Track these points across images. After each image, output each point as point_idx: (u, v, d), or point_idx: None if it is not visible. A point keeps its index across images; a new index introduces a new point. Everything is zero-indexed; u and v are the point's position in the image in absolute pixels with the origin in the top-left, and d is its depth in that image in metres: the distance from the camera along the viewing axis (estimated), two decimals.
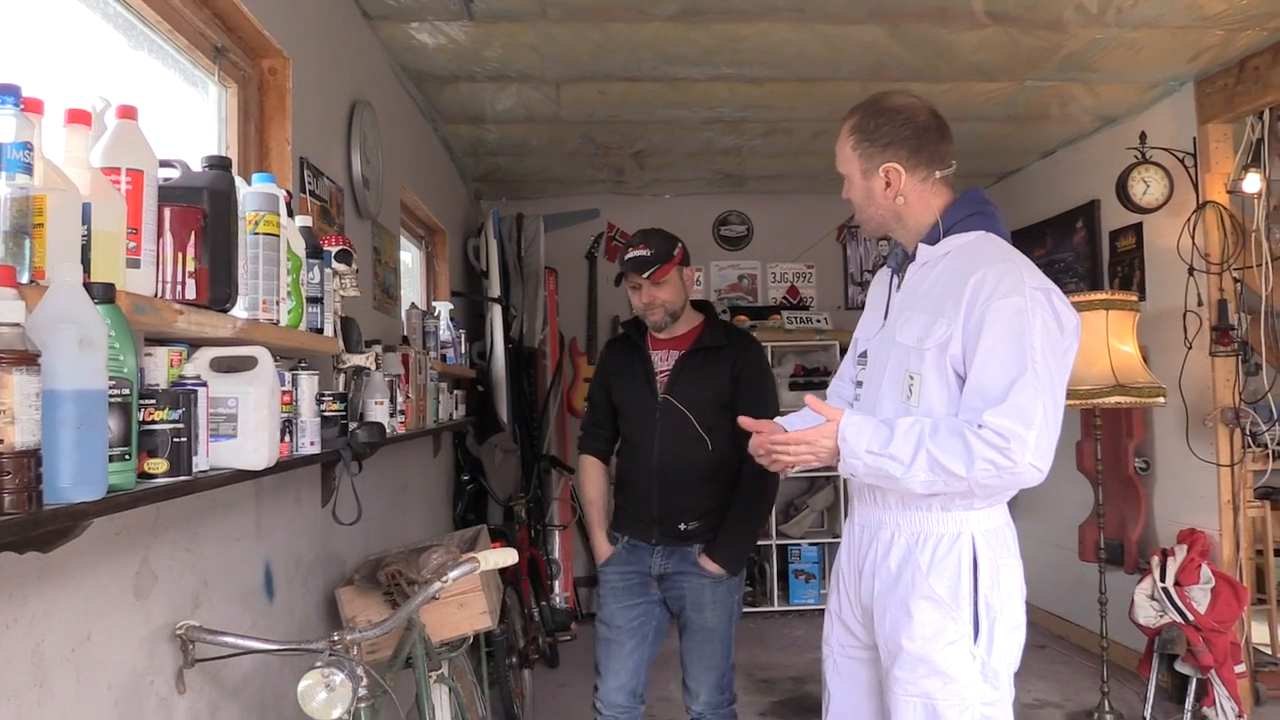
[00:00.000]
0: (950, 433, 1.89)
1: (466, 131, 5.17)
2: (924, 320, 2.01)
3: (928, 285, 2.06)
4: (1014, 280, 1.93)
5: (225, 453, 1.77)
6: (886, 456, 1.92)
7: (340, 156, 3.23)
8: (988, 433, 1.85)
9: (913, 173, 2.08)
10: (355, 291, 2.58)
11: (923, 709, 1.97)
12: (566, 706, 4.62)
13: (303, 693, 1.75)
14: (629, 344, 3.08)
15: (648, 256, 2.90)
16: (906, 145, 2.07)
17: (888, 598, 2.05)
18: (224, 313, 1.77)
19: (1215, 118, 4.42)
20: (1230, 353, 4.37)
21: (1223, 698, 4.14)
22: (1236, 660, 4.21)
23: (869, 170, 2.10)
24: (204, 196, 1.72)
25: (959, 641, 1.96)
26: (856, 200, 2.16)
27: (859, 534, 2.17)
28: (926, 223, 2.10)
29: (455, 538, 3.31)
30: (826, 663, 2.29)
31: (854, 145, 2.12)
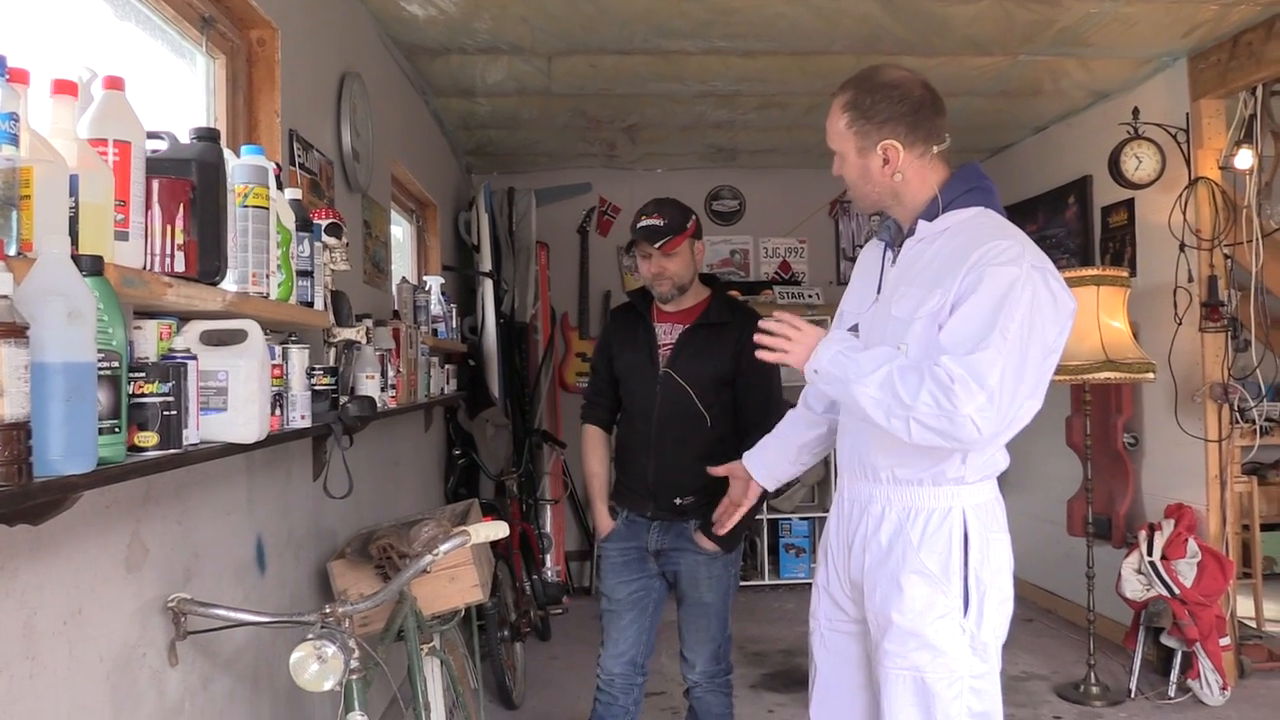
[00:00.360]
0: (911, 367, 1.89)
1: (457, 104, 5.14)
2: (918, 295, 1.99)
3: (925, 260, 2.03)
4: (1015, 254, 1.91)
5: (216, 426, 1.77)
6: (850, 360, 1.93)
7: (330, 129, 3.21)
8: (940, 370, 1.85)
9: (910, 149, 2.04)
10: (345, 265, 2.57)
11: (912, 682, 1.98)
12: (558, 679, 4.65)
13: (295, 664, 1.76)
14: (634, 314, 3.06)
15: (660, 226, 2.86)
16: (904, 121, 2.03)
17: (878, 572, 2.04)
18: (213, 286, 1.76)
19: (1208, 93, 4.42)
20: (1220, 329, 4.39)
21: (1207, 670, 4.19)
22: (1221, 633, 4.26)
23: (865, 148, 2.06)
24: (192, 168, 1.71)
25: (949, 615, 1.97)
26: (851, 178, 2.12)
27: (849, 508, 2.16)
28: (924, 199, 2.07)
29: (447, 512, 3.32)
30: (813, 637, 2.29)
31: (849, 123, 2.07)
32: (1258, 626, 5.07)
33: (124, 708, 1.68)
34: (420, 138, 4.88)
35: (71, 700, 1.53)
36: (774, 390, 2.93)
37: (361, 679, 1.87)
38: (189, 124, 1.82)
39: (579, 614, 5.53)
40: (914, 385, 1.85)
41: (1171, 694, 4.27)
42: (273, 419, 1.98)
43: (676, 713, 3.93)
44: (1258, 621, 5.13)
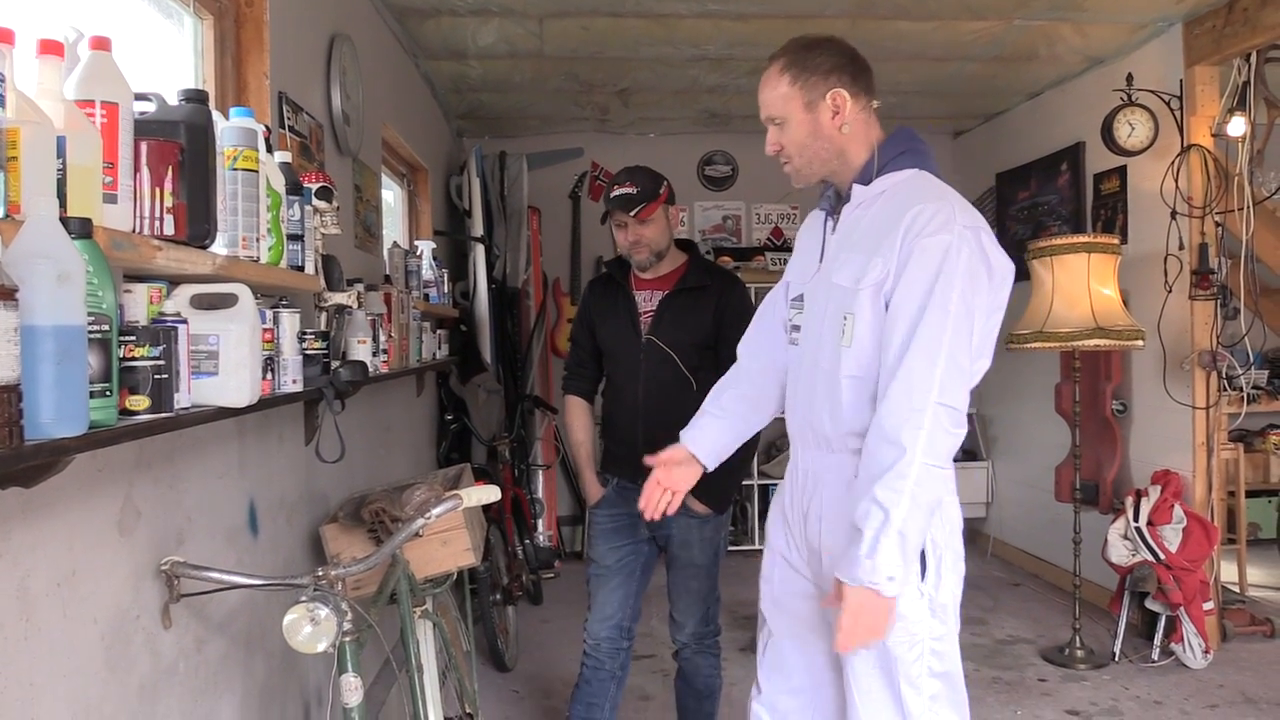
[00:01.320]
0: (874, 462, 1.87)
1: (448, 67, 5.10)
2: (860, 261, 2.00)
3: (865, 225, 2.05)
4: (945, 217, 1.92)
5: (207, 390, 1.76)
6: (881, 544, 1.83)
7: (320, 92, 3.18)
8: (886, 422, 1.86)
9: (856, 98, 2.05)
10: (336, 229, 2.56)
11: (874, 647, 1.97)
12: (550, 642, 4.69)
13: (288, 626, 1.77)
14: (612, 283, 3.07)
15: (634, 194, 2.87)
16: (847, 70, 2.05)
17: (835, 539, 2.04)
18: (203, 249, 1.76)
19: (1203, 60, 4.40)
20: (1209, 297, 4.40)
21: (1191, 634, 4.24)
22: (1205, 598, 4.31)
23: (814, 101, 2.05)
24: (181, 130, 1.69)
25: (908, 580, 1.94)
26: (800, 140, 2.09)
27: (802, 478, 2.16)
28: (863, 158, 2.08)
29: (439, 476, 3.32)
30: (764, 600, 2.30)
31: (792, 80, 2.07)
32: (1241, 591, 5.14)
33: (118, 669, 1.69)
34: (411, 101, 4.85)
35: (66, 662, 1.54)
36: None
37: (354, 641, 1.89)
38: (177, 86, 1.80)
39: (570, 578, 5.56)
40: (892, 459, 1.84)
41: (1155, 657, 4.33)
42: (264, 383, 1.98)
43: (667, 675, 3.97)
44: (1241, 586, 5.19)
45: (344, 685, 1.88)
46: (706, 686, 3.04)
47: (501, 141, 6.51)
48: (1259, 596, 5.24)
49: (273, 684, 2.46)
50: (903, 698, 1.98)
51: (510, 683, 4.20)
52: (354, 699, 1.89)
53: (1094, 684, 4.14)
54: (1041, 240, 4.46)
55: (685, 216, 6.87)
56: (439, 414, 5.07)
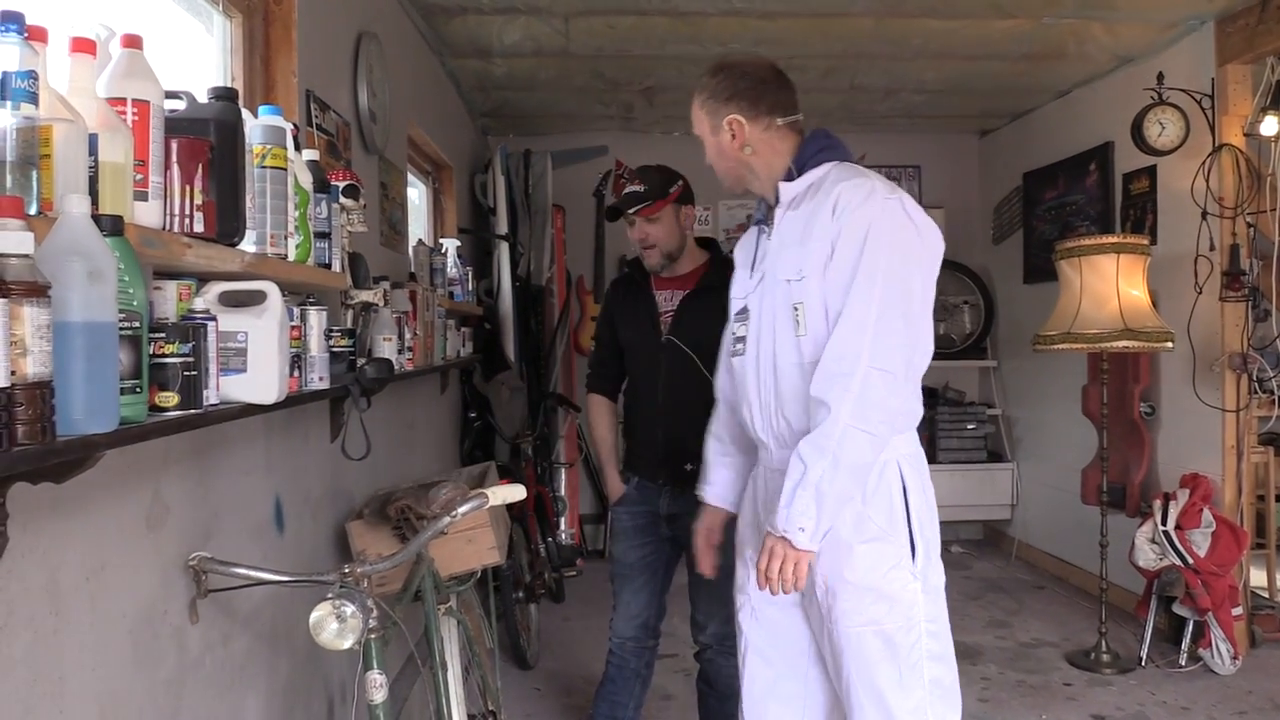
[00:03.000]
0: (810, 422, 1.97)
1: (474, 65, 5.10)
2: (799, 251, 2.08)
3: (797, 220, 2.13)
4: (867, 191, 2.02)
5: (235, 387, 1.77)
6: (801, 498, 1.93)
7: (347, 90, 3.20)
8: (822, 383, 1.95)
9: (754, 122, 2.17)
10: (363, 227, 2.57)
11: (871, 635, 2.03)
12: (571, 640, 4.69)
13: (315, 623, 1.77)
14: (633, 284, 3.06)
15: (639, 192, 2.88)
16: (746, 96, 2.17)
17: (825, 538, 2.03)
18: (232, 247, 1.76)
19: (1235, 58, 4.35)
20: (1240, 298, 4.35)
21: (1219, 640, 4.19)
22: (1234, 603, 4.26)
23: (716, 126, 2.20)
24: (211, 128, 1.70)
25: (900, 564, 2.03)
26: (711, 158, 2.27)
27: (775, 477, 2.13)
28: (779, 168, 2.18)
29: (464, 474, 3.33)
30: (742, 611, 2.32)
31: (700, 104, 2.23)
32: (1270, 597, 5.06)
33: (145, 663, 1.71)
34: (437, 99, 4.86)
35: (94, 655, 1.55)
36: None
37: (380, 638, 1.89)
38: (206, 84, 1.81)
39: (592, 576, 5.56)
40: (821, 418, 1.93)
41: (1182, 663, 4.28)
42: (291, 380, 1.99)
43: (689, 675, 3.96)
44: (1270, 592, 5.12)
45: (369, 682, 1.88)
46: (729, 687, 3.01)
47: (526, 140, 6.52)
48: None
49: (297, 680, 2.47)
50: (905, 683, 2.03)
51: (532, 680, 4.21)
52: (379, 696, 1.89)
53: (1120, 689, 4.10)
54: (1069, 240, 4.43)
55: (709, 216, 6.85)
56: (462, 411, 5.08)
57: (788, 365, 2.10)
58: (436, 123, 4.77)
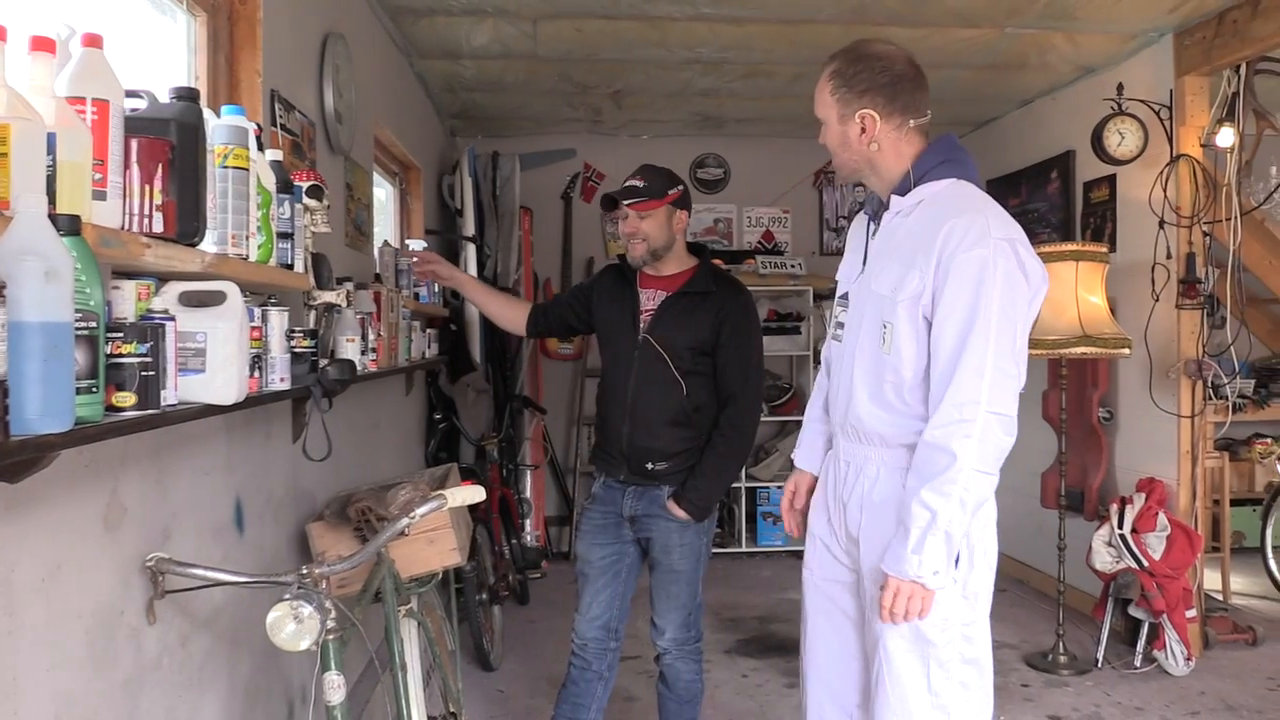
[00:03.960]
0: (922, 468, 2.01)
1: (442, 67, 5.10)
2: (897, 271, 2.10)
3: (902, 235, 2.13)
4: (980, 231, 2.00)
5: (194, 387, 1.77)
6: (927, 540, 1.98)
7: (312, 90, 3.19)
8: (940, 431, 1.99)
9: (888, 119, 2.14)
10: (326, 228, 2.56)
11: (908, 629, 2.07)
12: (536, 642, 4.69)
13: (271, 624, 1.77)
14: (621, 277, 3.09)
15: (639, 187, 2.92)
16: (883, 92, 2.13)
17: (874, 530, 2.15)
18: (192, 247, 1.76)
19: (1193, 70, 4.43)
20: (1196, 306, 4.42)
21: (1173, 641, 4.26)
22: (1188, 605, 4.33)
23: (845, 116, 2.16)
24: (171, 128, 1.70)
25: (950, 574, 2.05)
26: (832, 146, 2.22)
27: (844, 468, 2.26)
28: (899, 171, 2.17)
29: (426, 475, 3.33)
30: (806, 586, 2.40)
31: (832, 90, 2.17)
32: (1224, 599, 5.17)
33: (102, 664, 1.70)
34: (404, 100, 4.85)
35: (50, 656, 1.54)
36: (754, 360, 2.96)
37: (338, 639, 1.89)
38: (169, 83, 1.80)
39: (557, 578, 5.57)
40: (943, 464, 1.97)
41: (1138, 664, 4.35)
42: (251, 381, 1.98)
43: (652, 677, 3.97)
44: (1224, 594, 5.23)
45: (327, 683, 1.89)
46: (688, 691, 3.04)
47: (494, 141, 6.52)
48: (1242, 605, 5.27)
49: (256, 681, 2.46)
50: (931, 681, 2.08)
51: (496, 682, 4.21)
52: (337, 697, 1.89)
53: (1076, 690, 4.16)
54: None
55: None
56: (428, 413, 5.07)
57: (865, 371, 2.17)
58: (404, 124, 4.76)
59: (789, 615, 5.13)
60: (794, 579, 5.92)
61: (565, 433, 6.78)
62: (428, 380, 5.06)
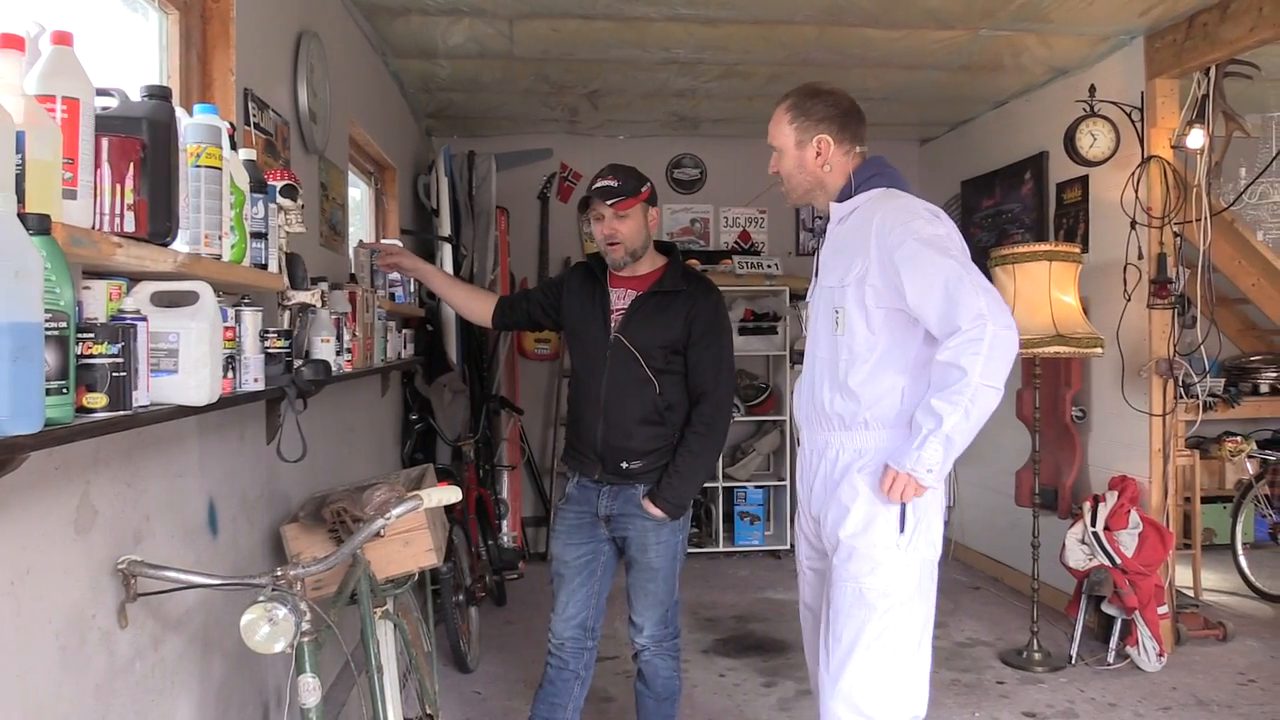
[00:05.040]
0: (936, 383, 2.26)
1: (418, 66, 5.08)
2: (842, 264, 2.45)
3: (843, 237, 2.50)
4: (908, 206, 2.40)
5: (166, 388, 1.75)
6: (931, 439, 2.25)
7: (286, 89, 3.17)
8: (950, 351, 2.22)
9: (839, 145, 2.52)
10: (301, 228, 2.54)
11: (851, 591, 2.38)
12: (513, 644, 4.68)
13: (245, 626, 1.76)
14: (591, 276, 3.08)
15: (615, 186, 2.92)
16: (836, 121, 2.52)
17: (829, 501, 2.47)
18: (164, 247, 1.74)
19: (1163, 73, 4.47)
20: (1167, 305, 4.47)
21: (1145, 637, 4.30)
22: (1160, 602, 4.37)
23: (803, 141, 2.53)
24: (143, 127, 1.68)
25: (887, 531, 2.36)
26: (788, 169, 2.58)
27: (809, 455, 2.59)
28: (841, 186, 2.54)
29: (401, 476, 3.32)
30: (799, 577, 2.75)
31: (790, 119, 2.54)
32: (1195, 596, 5.22)
33: (73, 668, 1.68)
34: (379, 99, 4.83)
35: (19, 661, 1.52)
36: (725, 358, 2.97)
37: (313, 642, 1.88)
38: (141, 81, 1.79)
39: (534, 579, 5.56)
40: (954, 376, 2.21)
41: (1111, 660, 4.39)
42: (225, 382, 1.97)
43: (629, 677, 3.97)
44: (1195, 591, 5.28)
45: (302, 686, 1.88)
46: (665, 688, 3.05)
47: (470, 141, 6.50)
48: (1213, 601, 5.33)
49: (230, 684, 2.44)
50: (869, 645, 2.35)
51: (472, 684, 4.19)
52: (312, 700, 1.88)
53: (1051, 686, 4.19)
54: (1005, 248, 4.52)
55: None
56: (404, 414, 5.05)
57: (824, 358, 2.49)
58: (379, 123, 4.74)
59: (766, 614, 5.15)
60: (772, 579, 5.97)
61: (542, 433, 6.78)
62: (404, 381, 5.03)
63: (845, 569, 2.40)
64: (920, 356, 2.38)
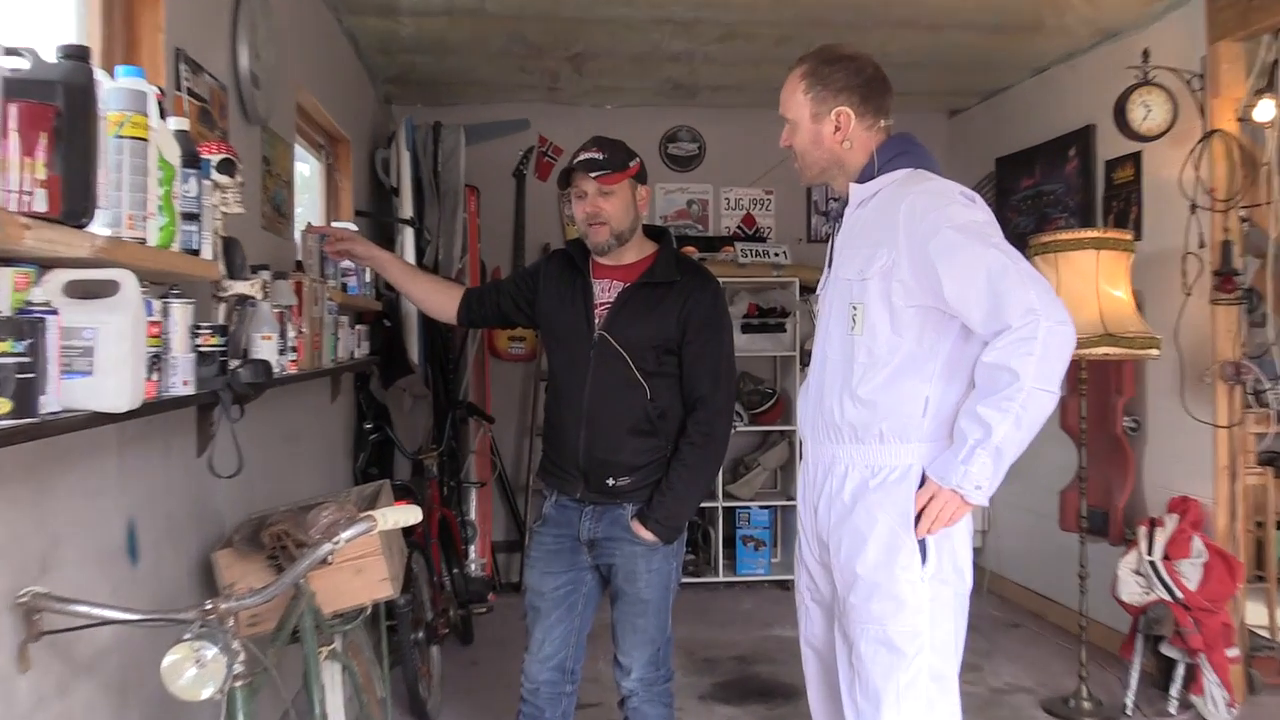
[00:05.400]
0: (983, 388, 2.26)
1: (376, 24, 5.07)
2: (864, 253, 2.41)
3: (864, 222, 2.47)
4: (942, 189, 2.38)
5: (80, 392, 1.75)
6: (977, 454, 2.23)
7: (224, 49, 3.17)
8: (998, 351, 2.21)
9: (861, 118, 2.48)
10: (240, 208, 2.55)
11: (875, 635, 2.36)
12: (480, 687, 4.68)
13: (168, 669, 1.75)
14: (571, 265, 3.07)
15: (599, 159, 2.92)
16: (858, 92, 2.48)
17: (842, 528, 2.44)
18: (81, 229, 1.74)
19: (1227, 35, 4.47)
20: (1233, 301, 4.47)
21: (1212, 685, 4.30)
22: (1229, 643, 4.36)
23: (820, 114, 2.50)
24: (58, 92, 1.68)
25: (909, 566, 2.34)
26: (803, 144, 2.55)
27: (813, 471, 2.57)
28: (862, 165, 2.51)
29: (353, 494, 3.31)
30: (799, 607, 2.73)
31: (806, 89, 2.50)
32: (1270, 636, 5.21)
33: None
34: (332, 62, 4.82)
35: None
36: (724, 359, 2.97)
37: (247, 686, 1.87)
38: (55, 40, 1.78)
39: (506, 613, 5.54)
40: (1005, 381, 2.20)
41: (1172, 710, 4.38)
42: (149, 384, 1.97)
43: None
44: (1270, 630, 5.27)
45: None
46: None
47: (436, 111, 6.49)
48: None
49: None
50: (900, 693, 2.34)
51: None
52: None
53: None
54: (1045, 234, 4.52)
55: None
56: (357, 422, 5.04)
57: (835, 360, 2.47)
58: (331, 89, 4.74)
59: (773, 655, 5.15)
60: (779, 613, 5.97)
61: (516, 445, 6.77)
62: (357, 384, 5.03)
63: (866, 609, 2.38)
64: (953, 361, 2.37)
